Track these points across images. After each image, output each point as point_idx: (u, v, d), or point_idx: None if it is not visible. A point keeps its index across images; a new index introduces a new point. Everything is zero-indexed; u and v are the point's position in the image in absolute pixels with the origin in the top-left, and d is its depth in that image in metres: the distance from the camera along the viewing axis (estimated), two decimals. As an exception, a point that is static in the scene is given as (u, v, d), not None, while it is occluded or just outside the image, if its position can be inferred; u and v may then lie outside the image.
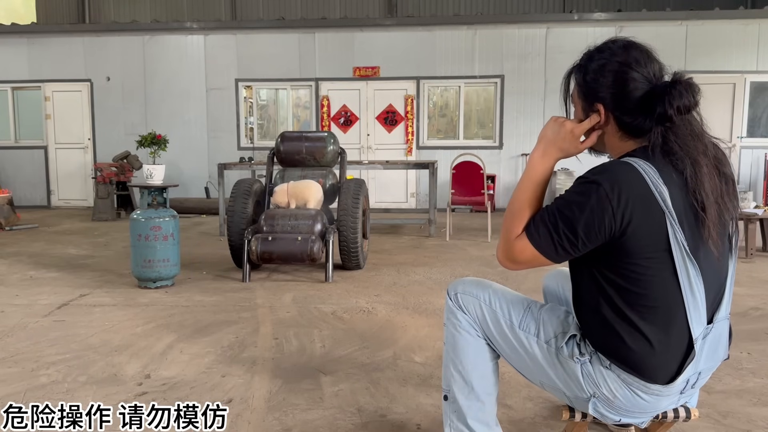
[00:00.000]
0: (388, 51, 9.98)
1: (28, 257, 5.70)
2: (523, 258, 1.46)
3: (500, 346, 1.66)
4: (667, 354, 1.39)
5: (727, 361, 2.81)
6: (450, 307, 1.72)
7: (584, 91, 1.50)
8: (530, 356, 1.58)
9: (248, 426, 2.18)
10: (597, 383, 1.46)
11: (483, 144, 10.04)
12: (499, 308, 1.65)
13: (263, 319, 3.59)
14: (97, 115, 10.49)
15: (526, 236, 1.46)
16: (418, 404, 2.36)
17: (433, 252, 6.01)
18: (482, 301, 1.67)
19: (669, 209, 1.34)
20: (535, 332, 1.58)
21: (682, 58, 9.52)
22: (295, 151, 5.32)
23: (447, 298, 1.74)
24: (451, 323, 1.72)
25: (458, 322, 1.69)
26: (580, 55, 1.54)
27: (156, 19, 13.46)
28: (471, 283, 1.73)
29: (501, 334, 1.63)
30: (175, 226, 4.42)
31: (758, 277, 4.82)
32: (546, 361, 1.55)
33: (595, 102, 1.47)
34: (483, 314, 1.66)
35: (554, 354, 1.53)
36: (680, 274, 1.36)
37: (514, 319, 1.62)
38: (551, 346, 1.54)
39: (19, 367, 2.79)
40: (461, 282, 1.75)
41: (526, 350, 1.59)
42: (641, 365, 1.40)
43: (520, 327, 1.60)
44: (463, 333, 1.68)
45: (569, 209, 1.39)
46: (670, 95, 1.37)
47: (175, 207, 5.58)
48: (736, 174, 9.69)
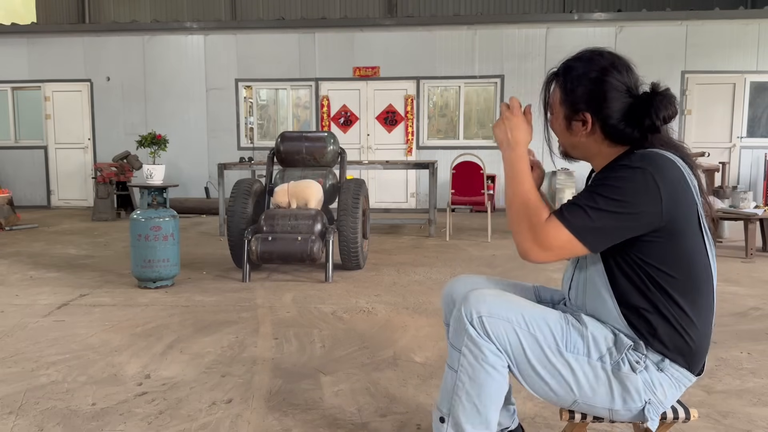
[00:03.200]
0: (388, 51, 9.98)
1: (28, 257, 5.70)
2: (558, 242, 1.36)
3: (532, 374, 1.44)
4: (707, 341, 1.47)
5: (727, 361, 2.83)
6: (472, 335, 1.44)
7: (571, 100, 1.49)
8: (576, 379, 1.42)
9: (248, 426, 2.18)
10: (653, 389, 1.43)
11: (483, 144, 10.03)
12: (538, 331, 1.43)
13: (263, 319, 3.59)
14: (97, 115, 10.49)
15: (557, 219, 1.37)
16: (418, 404, 2.36)
17: (433, 252, 6.01)
18: (516, 326, 1.43)
19: (697, 194, 1.41)
20: (584, 351, 1.43)
21: (682, 58, 9.53)
22: (295, 151, 5.32)
23: (467, 323, 1.44)
24: (471, 353, 1.44)
25: (482, 355, 1.43)
26: (559, 64, 1.55)
27: (156, 19, 13.47)
28: (496, 301, 1.46)
29: (541, 361, 1.42)
30: (175, 226, 4.42)
31: (758, 277, 4.82)
32: (598, 380, 1.42)
33: (582, 111, 1.49)
34: (518, 341, 1.42)
35: (610, 370, 1.42)
36: (710, 258, 1.44)
37: (559, 341, 1.43)
38: (605, 363, 1.42)
39: (19, 367, 2.79)
40: (481, 300, 1.46)
41: (574, 373, 1.42)
42: (694, 357, 1.44)
43: (567, 349, 1.43)
44: (487, 368, 1.44)
45: (615, 191, 1.35)
46: (655, 106, 1.42)
47: (175, 207, 5.59)
48: (736, 174, 9.70)
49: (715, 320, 1.51)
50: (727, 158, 9.48)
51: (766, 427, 2.17)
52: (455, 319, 1.49)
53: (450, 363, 1.51)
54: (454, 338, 1.49)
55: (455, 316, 1.49)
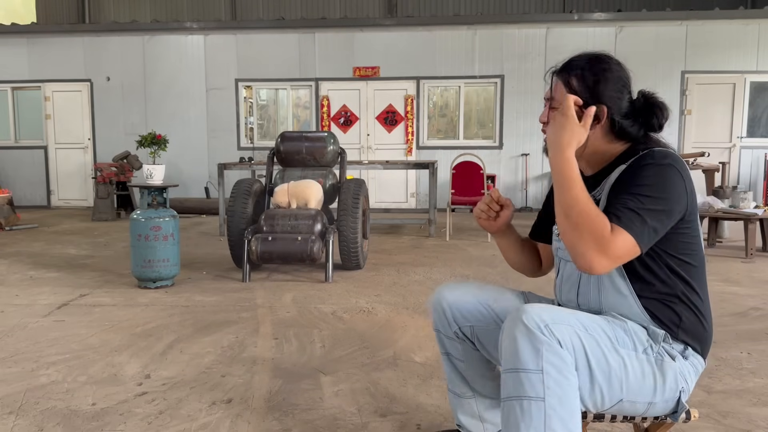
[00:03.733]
0: (388, 51, 9.98)
1: (28, 257, 5.70)
2: (624, 251, 1.34)
3: (586, 380, 1.34)
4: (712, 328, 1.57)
5: (727, 361, 2.83)
6: (552, 346, 1.28)
7: (589, 93, 1.51)
8: (627, 376, 1.38)
9: (248, 426, 2.18)
10: (684, 378, 1.46)
11: (483, 144, 10.04)
12: (594, 332, 1.36)
13: (263, 319, 3.59)
14: (97, 115, 10.49)
15: (621, 228, 1.34)
16: (418, 404, 2.36)
17: (433, 252, 6.01)
18: (577, 329, 1.34)
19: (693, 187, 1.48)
20: (632, 346, 1.40)
21: (682, 58, 9.53)
22: (295, 151, 5.32)
23: (540, 335, 1.28)
24: (555, 367, 1.27)
25: (565, 365, 1.28)
26: (573, 58, 1.57)
27: (156, 19, 13.47)
28: (551, 308, 1.36)
29: (600, 364, 1.34)
30: (175, 226, 4.42)
31: (758, 277, 4.82)
32: (644, 374, 1.40)
33: (597, 104, 1.51)
34: (581, 345, 1.33)
35: (653, 362, 1.41)
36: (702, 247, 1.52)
37: (612, 339, 1.38)
38: (649, 355, 1.41)
39: (19, 367, 2.79)
40: (539, 309, 1.33)
41: (626, 370, 1.37)
42: (707, 343, 1.54)
43: (620, 345, 1.38)
44: (571, 378, 1.29)
45: (660, 190, 1.38)
46: (660, 108, 1.53)
47: (175, 207, 5.59)
48: (736, 174, 9.70)
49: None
50: (727, 158, 9.47)
51: (766, 427, 2.17)
52: (517, 339, 1.29)
53: (523, 393, 1.27)
54: (528, 360, 1.27)
55: (515, 337, 1.30)
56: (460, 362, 1.78)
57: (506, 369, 1.31)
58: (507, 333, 1.33)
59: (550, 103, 1.56)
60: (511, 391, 1.29)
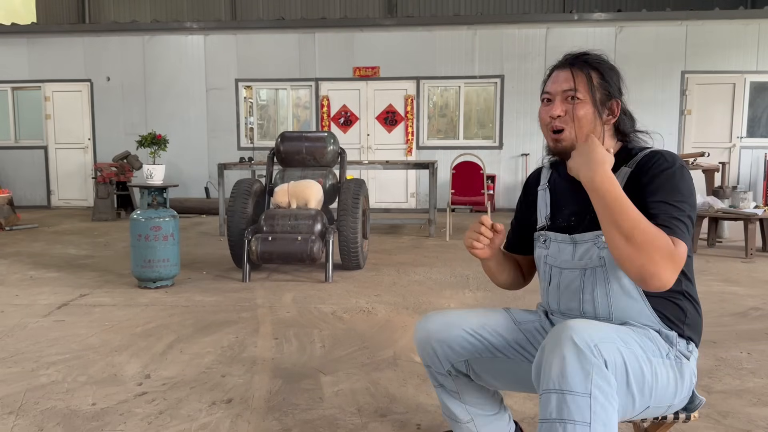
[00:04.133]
0: (388, 51, 9.98)
1: (28, 257, 5.70)
2: (684, 260, 1.32)
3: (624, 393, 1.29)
4: None
5: (727, 361, 2.83)
6: (603, 370, 1.21)
7: (609, 87, 1.54)
8: (657, 383, 1.36)
9: (248, 426, 2.18)
10: (694, 372, 1.48)
11: (483, 144, 10.04)
12: (632, 344, 1.32)
13: (263, 319, 3.59)
14: (97, 115, 10.49)
15: (678, 238, 1.33)
16: (418, 404, 2.36)
17: (433, 252, 6.01)
18: (619, 344, 1.28)
19: None
20: (658, 353, 1.39)
21: (682, 58, 9.53)
22: (295, 151, 5.32)
23: (592, 357, 1.20)
24: (602, 392, 1.20)
25: (610, 389, 1.21)
26: (585, 53, 1.57)
27: (156, 19, 13.47)
28: (591, 323, 1.30)
29: (636, 376, 1.30)
30: (175, 226, 4.42)
31: (758, 277, 4.82)
32: (668, 377, 1.39)
33: (614, 98, 1.55)
34: (623, 361, 1.27)
35: (674, 366, 1.41)
36: None
37: (644, 348, 1.36)
38: (671, 360, 1.42)
39: (19, 367, 2.79)
40: (587, 326, 1.27)
41: (656, 379, 1.35)
42: (701, 334, 1.55)
43: (651, 354, 1.36)
44: (614, 402, 1.23)
45: (688, 193, 1.40)
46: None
47: (175, 207, 5.60)
48: (736, 174, 9.70)
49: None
50: (727, 158, 9.48)
51: (766, 427, 2.17)
52: (566, 359, 1.21)
53: (568, 417, 1.19)
54: (577, 383, 1.19)
55: (564, 357, 1.21)
56: (455, 393, 1.71)
57: (550, 389, 1.22)
58: (553, 351, 1.23)
59: (570, 94, 1.52)
60: (554, 413, 1.21)
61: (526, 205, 1.76)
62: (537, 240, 1.67)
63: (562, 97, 1.53)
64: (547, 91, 1.58)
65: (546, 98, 1.58)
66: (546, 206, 1.68)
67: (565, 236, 1.58)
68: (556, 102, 1.54)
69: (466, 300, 4.07)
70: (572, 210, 1.58)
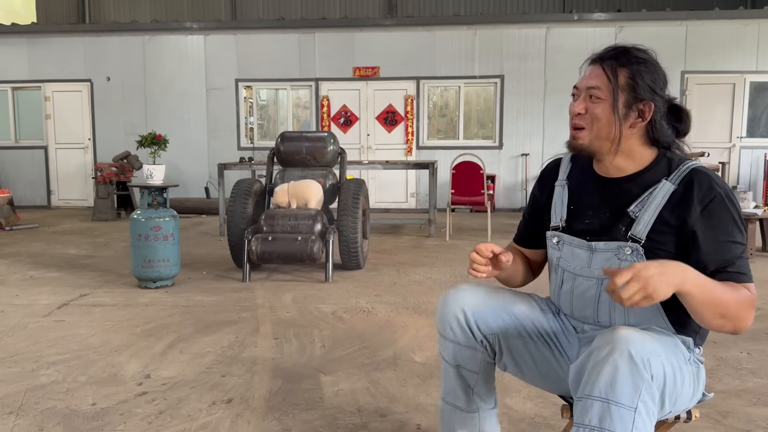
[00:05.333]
0: (388, 51, 9.98)
1: (28, 257, 5.70)
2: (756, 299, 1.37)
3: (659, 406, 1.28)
4: None
5: (727, 361, 2.83)
6: (649, 384, 1.19)
7: (641, 87, 1.43)
8: (683, 391, 1.36)
9: (248, 426, 2.18)
10: (704, 376, 1.49)
11: (483, 144, 10.03)
12: (671, 353, 1.32)
13: (263, 319, 3.59)
14: (97, 115, 10.49)
15: (749, 282, 1.35)
16: (418, 404, 2.36)
17: (433, 252, 6.01)
18: (663, 357, 1.26)
19: None
20: (683, 359, 1.38)
21: (682, 58, 9.53)
22: (295, 151, 5.32)
23: (639, 369, 1.18)
24: (645, 407, 1.19)
25: (654, 404, 1.22)
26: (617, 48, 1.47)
27: (156, 19, 13.46)
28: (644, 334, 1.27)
29: (669, 387, 1.29)
30: (175, 226, 4.42)
31: (758, 277, 4.81)
32: (690, 382, 1.38)
33: (645, 100, 1.43)
34: (663, 373, 1.25)
35: (694, 371, 1.41)
36: None
37: (677, 356, 1.35)
38: (692, 364, 1.41)
39: (19, 367, 2.79)
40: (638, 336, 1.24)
41: (684, 387, 1.35)
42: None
43: (682, 362, 1.36)
44: (654, 417, 1.23)
45: (742, 221, 1.40)
46: (687, 115, 1.50)
47: (175, 207, 5.59)
48: (736, 174, 9.70)
49: None
50: (727, 158, 9.47)
51: (766, 427, 2.17)
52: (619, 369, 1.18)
53: (610, 428, 1.18)
54: (625, 395, 1.17)
55: (617, 367, 1.18)
56: (473, 374, 1.60)
57: (594, 396, 1.20)
58: (605, 359, 1.20)
59: (592, 92, 1.45)
60: (595, 421, 1.20)
61: (541, 198, 1.68)
62: (549, 239, 1.61)
63: (586, 94, 1.47)
64: (575, 86, 1.52)
65: (573, 93, 1.52)
66: (562, 206, 1.59)
67: (581, 241, 1.51)
68: (580, 99, 1.49)
69: (466, 300, 4.07)
70: (593, 216, 1.51)
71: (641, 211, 1.43)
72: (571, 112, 1.50)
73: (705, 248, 1.36)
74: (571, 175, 1.62)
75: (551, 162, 1.71)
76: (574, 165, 1.63)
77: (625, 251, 1.43)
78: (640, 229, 1.42)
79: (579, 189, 1.57)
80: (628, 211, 1.45)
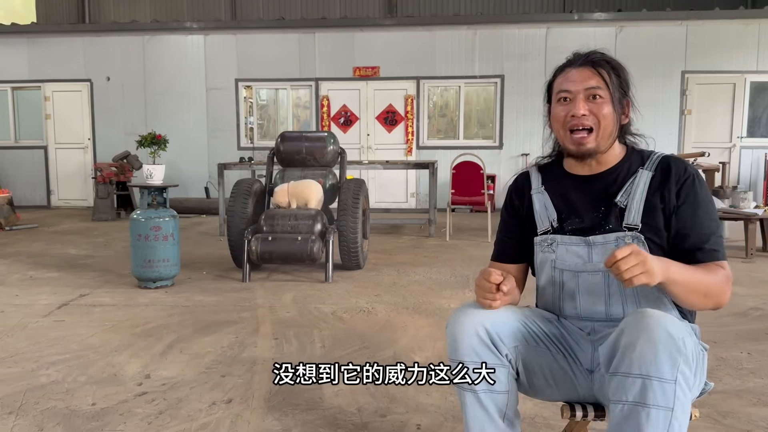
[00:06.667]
0: (388, 51, 9.97)
1: (28, 257, 5.70)
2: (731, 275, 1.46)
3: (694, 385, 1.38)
4: None
5: (727, 361, 2.83)
6: (686, 357, 1.24)
7: (626, 86, 1.55)
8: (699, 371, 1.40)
9: (248, 426, 2.18)
10: None
11: (483, 144, 10.03)
12: (693, 335, 1.40)
13: (263, 319, 3.59)
14: (97, 115, 10.49)
15: (724, 260, 1.46)
16: (418, 404, 2.36)
17: (433, 252, 6.00)
18: (692, 337, 1.34)
19: None
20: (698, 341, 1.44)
21: (682, 58, 9.53)
22: (295, 151, 5.32)
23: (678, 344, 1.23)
24: (684, 378, 1.23)
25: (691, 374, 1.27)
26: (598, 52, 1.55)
27: (156, 19, 13.46)
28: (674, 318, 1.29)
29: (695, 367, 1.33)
30: (175, 226, 4.42)
31: (758, 277, 4.81)
32: (698, 369, 1.38)
33: (626, 98, 1.55)
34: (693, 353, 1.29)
35: (701, 357, 1.42)
36: None
37: (695, 337, 1.43)
38: (701, 351, 1.42)
39: (19, 367, 2.79)
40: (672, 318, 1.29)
41: (699, 367, 1.39)
42: None
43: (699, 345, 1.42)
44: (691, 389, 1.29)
45: (712, 200, 1.51)
46: None
47: (175, 207, 5.58)
48: (736, 174, 9.70)
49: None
50: (727, 158, 9.47)
51: (766, 427, 2.17)
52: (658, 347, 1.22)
53: (653, 402, 1.21)
54: (666, 370, 1.21)
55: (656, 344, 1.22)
56: (503, 395, 1.45)
57: (632, 373, 1.23)
58: (640, 336, 1.23)
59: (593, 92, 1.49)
60: (638, 397, 1.22)
61: (520, 208, 1.67)
62: (539, 245, 1.60)
63: (585, 95, 1.49)
64: (565, 89, 1.51)
65: (564, 97, 1.52)
66: (547, 210, 1.60)
67: (577, 239, 1.53)
68: (578, 101, 1.49)
69: (466, 300, 4.07)
70: (584, 212, 1.55)
71: (629, 200, 1.51)
72: (566, 116, 1.51)
73: (684, 221, 1.46)
74: (546, 183, 1.65)
75: (519, 175, 1.73)
76: (545, 174, 1.67)
77: (623, 240, 1.47)
78: (633, 216, 1.49)
79: (561, 192, 1.61)
80: (616, 202, 1.52)
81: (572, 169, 1.61)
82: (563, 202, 1.59)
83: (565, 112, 1.51)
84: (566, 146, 1.55)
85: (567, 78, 1.52)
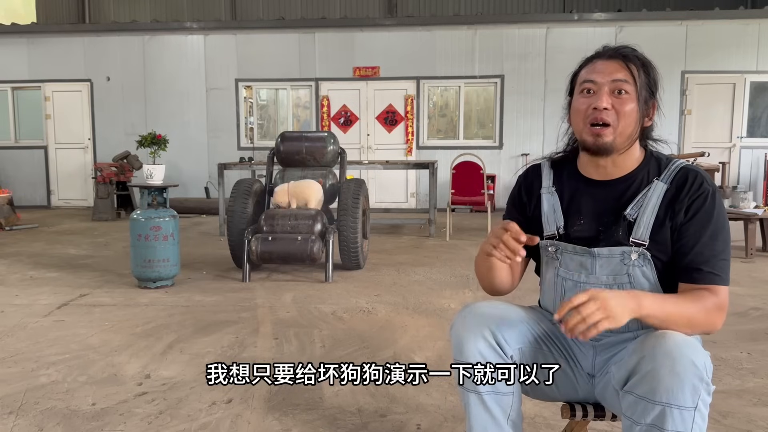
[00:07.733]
0: (388, 51, 9.98)
1: (28, 257, 5.70)
2: (727, 302, 1.40)
3: None
4: None
5: (727, 361, 2.83)
6: (708, 386, 1.26)
7: (654, 87, 1.45)
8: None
9: (248, 426, 2.18)
10: None
11: (483, 144, 10.03)
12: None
13: (263, 319, 3.59)
14: (97, 115, 10.49)
15: (723, 285, 1.37)
16: (418, 404, 2.36)
17: (433, 252, 6.00)
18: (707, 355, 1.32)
19: None
20: None
21: (682, 58, 9.53)
22: (295, 151, 5.32)
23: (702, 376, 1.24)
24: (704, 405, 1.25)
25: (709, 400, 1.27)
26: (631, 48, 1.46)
27: (156, 19, 13.46)
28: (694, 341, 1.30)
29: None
30: (175, 226, 4.42)
31: (758, 277, 4.81)
32: None
33: (653, 99, 1.46)
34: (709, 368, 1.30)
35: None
36: None
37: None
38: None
39: (19, 367, 2.79)
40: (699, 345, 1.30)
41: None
42: None
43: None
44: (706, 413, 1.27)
45: (726, 221, 1.42)
46: None
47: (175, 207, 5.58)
48: (736, 174, 9.70)
49: None
50: (727, 158, 9.47)
51: (766, 427, 2.17)
52: (682, 378, 1.20)
53: (671, 428, 1.20)
54: (687, 399, 1.21)
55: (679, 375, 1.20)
56: (507, 397, 1.44)
57: (654, 400, 1.21)
58: (663, 364, 1.21)
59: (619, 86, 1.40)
60: (657, 421, 1.22)
61: (528, 205, 1.60)
62: (544, 248, 1.56)
63: (611, 88, 1.40)
64: (591, 79, 1.42)
65: (588, 88, 1.42)
66: (555, 213, 1.53)
67: (582, 248, 1.48)
68: (602, 93, 1.40)
69: (466, 300, 4.07)
70: (592, 221, 1.48)
71: (639, 214, 1.42)
72: (588, 108, 1.42)
73: (686, 239, 1.39)
74: (557, 182, 1.56)
75: (530, 168, 1.64)
76: (557, 171, 1.58)
77: (629, 255, 1.42)
78: (642, 232, 1.41)
79: (570, 195, 1.53)
80: (625, 215, 1.43)
81: (586, 171, 1.52)
82: (572, 207, 1.52)
83: (587, 104, 1.42)
84: (583, 138, 1.45)
85: (594, 69, 1.43)
